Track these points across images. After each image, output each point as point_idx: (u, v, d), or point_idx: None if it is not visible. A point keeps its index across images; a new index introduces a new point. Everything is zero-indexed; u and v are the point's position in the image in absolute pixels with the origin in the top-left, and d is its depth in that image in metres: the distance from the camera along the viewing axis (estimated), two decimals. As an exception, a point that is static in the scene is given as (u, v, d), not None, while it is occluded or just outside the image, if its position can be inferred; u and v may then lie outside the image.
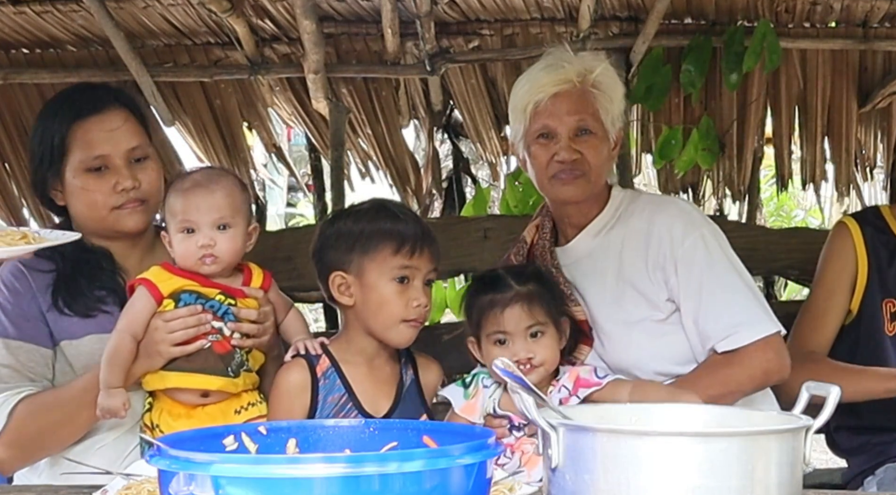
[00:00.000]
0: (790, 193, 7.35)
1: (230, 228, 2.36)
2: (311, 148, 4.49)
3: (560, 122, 2.63)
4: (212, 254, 2.34)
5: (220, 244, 2.34)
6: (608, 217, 2.73)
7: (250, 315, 2.39)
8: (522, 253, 2.81)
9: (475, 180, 4.92)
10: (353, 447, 1.69)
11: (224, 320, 2.36)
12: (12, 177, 4.10)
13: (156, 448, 1.45)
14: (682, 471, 1.47)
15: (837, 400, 1.59)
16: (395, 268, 2.33)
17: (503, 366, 1.60)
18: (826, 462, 3.63)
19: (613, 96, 2.69)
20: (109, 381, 2.29)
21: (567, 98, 2.64)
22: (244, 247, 2.41)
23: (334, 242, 2.38)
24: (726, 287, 2.57)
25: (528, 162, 2.72)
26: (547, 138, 2.65)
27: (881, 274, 2.93)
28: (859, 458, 2.96)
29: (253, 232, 2.43)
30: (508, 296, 2.42)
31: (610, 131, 2.68)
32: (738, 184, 4.04)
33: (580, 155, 2.62)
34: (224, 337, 2.36)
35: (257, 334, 2.39)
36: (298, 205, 11.69)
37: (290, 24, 3.68)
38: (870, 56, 3.90)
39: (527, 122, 2.67)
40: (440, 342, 3.43)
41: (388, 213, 2.40)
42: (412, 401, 2.42)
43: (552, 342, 2.42)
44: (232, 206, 2.36)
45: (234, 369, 2.36)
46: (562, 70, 2.65)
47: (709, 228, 2.66)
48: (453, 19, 3.78)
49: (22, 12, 3.52)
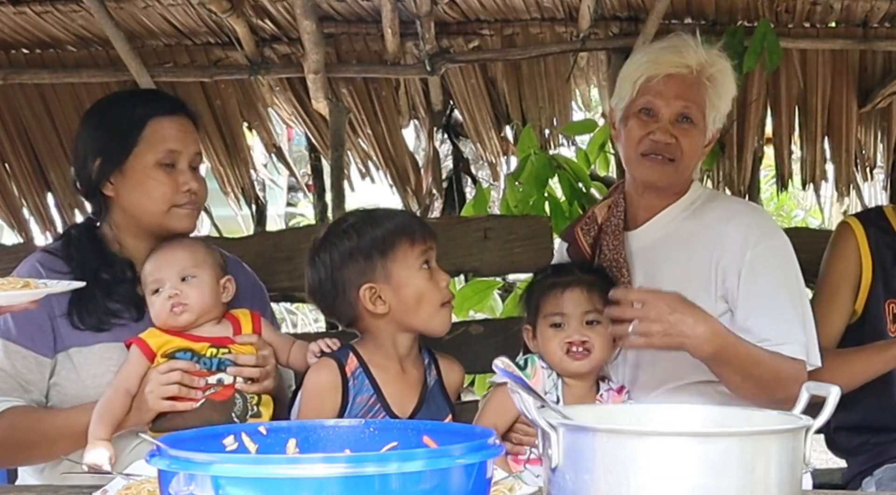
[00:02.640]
0: (790, 193, 7.35)
1: (195, 278, 2.42)
2: (311, 148, 4.49)
3: (666, 102, 2.61)
4: (180, 303, 2.39)
5: (186, 293, 2.40)
6: (682, 208, 2.71)
7: (249, 360, 2.41)
8: (592, 232, 2.79)
9: (475, 180, 4.93)
10: (353, 447, 1.69)
11: (222, 370, 2.39)
12: (12, 177, 4.10)
13: (156, 448, 1.45)
14: (682, 471, 1.47)
15: (837, 400, 1.59)
16: (417, 256, 2.36)
17: (503, 366, 1.59)
18: (826, 462, 3.63)
19: (723, 94, 2.68)
20: (97, 433, 2.32)
21: (680, 82, 2.62)
22: (216, 297, 2.45)
23: (347, 260, 2.36)
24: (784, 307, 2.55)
25: (622, 134, 2.69)
26: (648, 115, 2.63)
27: (885, 274, 2.92)
28: (858, 459, 2.96)
29: (227, 284, 2.48)
30: (569, 280, 2.48)
31: (709, 127, 2.67)
32: (738, 184, 4.04)
33: (675, 140, 2.61)
34: (224, 386, 2.38)
35: (260, 378, 2.41)
36: (298, 205, 11.69)
37: (290, 24, 3.68)
38: (870, 56, 3.90)
39: (633, 94, 2.65)
40: (440, 342, 3.42)
41: (382, 214, 2.43)
42: (436, 401, 2.43)
43: (607, 332, 2.45)
44: (193, 259, 2.45)
45: (239, 415, 2.37)
46: (684, 53, 2.63)
47: (782, 241, 2.65)
48: (453, 19, 3.78)
49: (22, 12, 3.52)
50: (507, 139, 4.19)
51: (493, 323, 3.57)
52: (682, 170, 2.65)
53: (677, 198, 2.72)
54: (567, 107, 4.07)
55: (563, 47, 3.80)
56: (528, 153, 4.00)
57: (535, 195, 4.00)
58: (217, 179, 4.21)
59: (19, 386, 2.48)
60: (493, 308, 4.10)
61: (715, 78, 2.65)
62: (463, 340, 3.31)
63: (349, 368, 2.34)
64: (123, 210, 2.59)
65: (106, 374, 2.46)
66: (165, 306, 2.40)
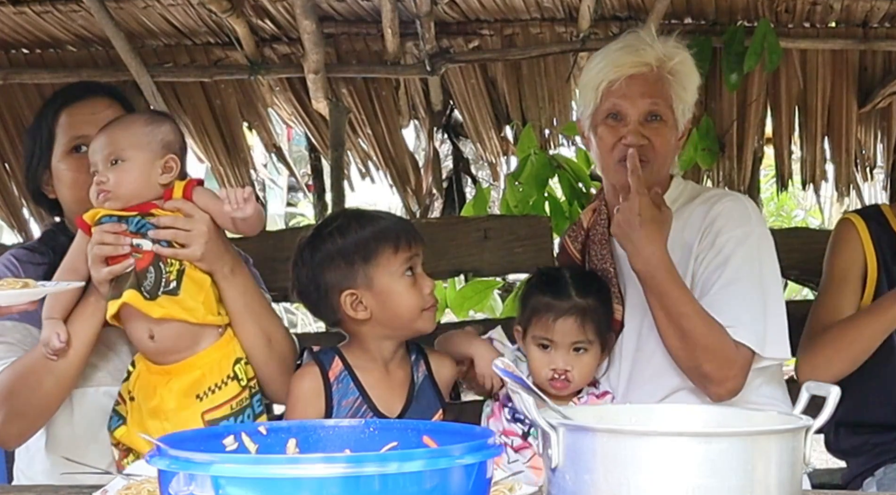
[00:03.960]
0: (790, 193, 7.36)
1: (123, 162, 2.31)
2: (311, 148, 4.50)
3: (632, 104, 2.56)
4: (103, 190, 2.30)
5: (111, 179, 2.30)
6: None
7: (167, 221, 2.29)
8: (580, 238, 2.77)
9: (475, 180, 4.93)
10: (353, 447, 1.69)
11: (143, 236, 2.29)
12: (12, 177, 4.11)
13: (156, 448, 1.45)
14: (682, 471, 1.46)
15: (837, 400, 1.59)
16: (400, 263, 2.33)
17: (503, 366, 1.59)
18: (826, 462, 3.63)
19: (688, 86, 2.64)
20: (47, 312, 2.31)
21: (642, 81, 2.57)
22: (147, 181, 2.31)
23: (329, 264, 2.34)
24: (744, 293, 2.50)
25: (593, 142, 2.66)
26: (616, 120, 2.59)
27: (888, 270, 2.91)
28: (858, 459, 2.95)
29: (171, 162, 2.33)
30: (565, 307, 2.46)
31: (679, 121, 2.63)
32: (738, 184, 4.04)
33: (647, 141, 2.56)
34: (144, 252, 2.28)
35: (180, 242, 2.30)
36: (298, 205, 11.71)
37: (290, 24, 3.68)
38: (870, 56, 3.90)
39: (597, 101, 2.61)
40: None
41: (369, 218, 2.39)
42: (426, 398, 2.41)
43: (592, 360, 2.47)
44: (125, 140, 2.32)
45: (149, 289, 2.28)
46: (641, 52, 2.58)
47: (761, 230, 2.61)
48: (453, 19, 3.78)
49: (22, 12, 3.52)
50: (507, 139, 4.19)
51: (493, 323, 3.56)
52: (658, 170, 2.61)
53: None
54: (567, 107, 4.07)
55: (563, 47, 3.81)
56: (528, 153, 4.00)
57: (535, 195, 4.00)
58: (217, 179, 4.21)
59: (22, 353, 2.45)
60: (493, 308, 4.11)
61: (677, 70, 2.61)
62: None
63: (333, 373, 2.34)
64: (62, 204, 2.58)
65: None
66: (94, 192, 2.31)
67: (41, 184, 2.59)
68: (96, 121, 2.47)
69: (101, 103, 2.55)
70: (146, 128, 2.35)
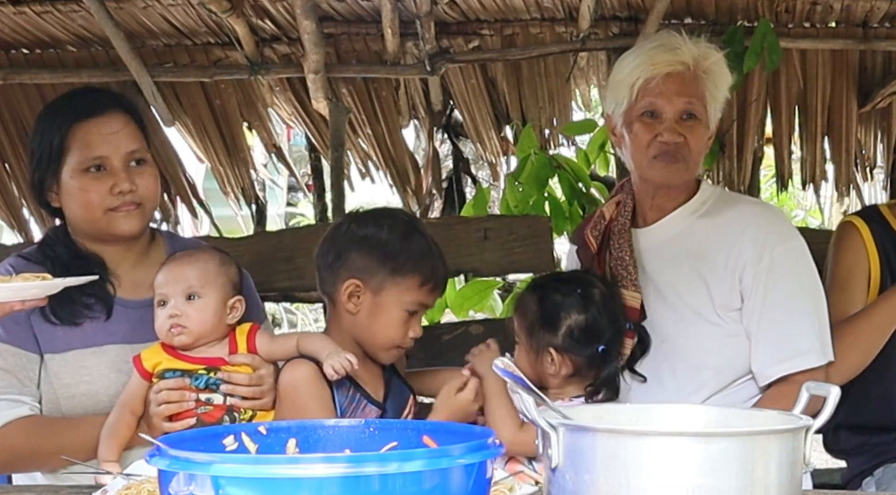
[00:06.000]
0: (790, 193, 7.35)
1: (199, 299, 2.34)
2: (311, 148, 4.49)
3: (669, 102, 2.61)
4: (179, 325, 2.32)
5: (187, 314, 2.33)
6: (694, 208, 2.72)
7: (241, 379, 2.34)
8: (600, 228, 2.79)
9: (475, 180, 4.93)
10: (353, 447, 1.69)
11: (214, 391, 2.33)
12: (12, 177, 4.11)
13: (156, 448, 1.45)
14: (682, 471, 1.47)
15: (837, 400, 1.59)
16: (412, 300, 2.37)
17: (503, 367, 1.60)
18: (826, 462, 3.63)
19: (721, 86, 2.69)
20: (105, 455, 2.31)
21: (679, 79, 2.62)
22: (219, 320, 2.36)
23: (364, 247, 2.36)
24: (794, 310, 2.59)
25: (627, 139, 2.68)
26: (652, 117, 2.63)
27: (892, 270, 2.91)
28: (858, 459, 2.95)
29: (237, 304, 2.38)
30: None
31: (711, 120, 2.68)
32: (738, 184, 4.04)
33: (683, 139, 2.61)
34: (215, 406, 2.32)
35: (256, 396, 2.35)
36: (298, 205, 11.70)
37: (290, 24, 3.68)
38: (870, 56, 3.90)
39: (632, 98, 2.64)
40: (440, 342, 3.43)
41: (422, 241, 2.40)
42: (397, 384, 2.47)
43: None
44: (203, 278, 2.36)
45: None
46: (678, 51, 2.63)
47: (798, 242, 2.67)
48: (453, 19, 3.78)
49: (22, 12, 3.52)
50: (507, 139, 4.19)
51: (493, 323, 3.57)
52: (692, 168, 2.67)
53: (688, 198, 2.73)
54: (567, 107, 4.07)
55: (563, 47, 3.80)
56: (528, 153, 4.00)
57: (535, 195, 4.00)
58: (217, 179, 4.21)
59: (17, 382, 2.47)
60: (493, 308, 4.10)
61: (711, 70, 2.66)
62: (463, 340, 3.31)
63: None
64: (68, 218, 2.57)
65: (79, 384, 2.46)
66: (165, 324, 2.34)
67: (46, 192, 2.57)
68: (114, 141, 2.49)
69: (116, 121, 2.52)
70: (220, 268, 2.39)
